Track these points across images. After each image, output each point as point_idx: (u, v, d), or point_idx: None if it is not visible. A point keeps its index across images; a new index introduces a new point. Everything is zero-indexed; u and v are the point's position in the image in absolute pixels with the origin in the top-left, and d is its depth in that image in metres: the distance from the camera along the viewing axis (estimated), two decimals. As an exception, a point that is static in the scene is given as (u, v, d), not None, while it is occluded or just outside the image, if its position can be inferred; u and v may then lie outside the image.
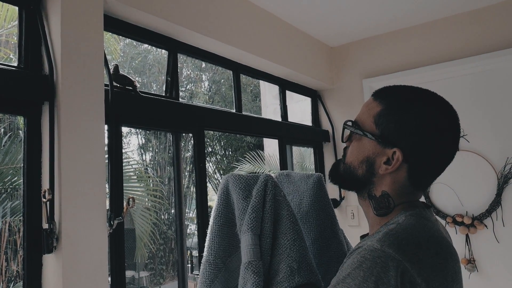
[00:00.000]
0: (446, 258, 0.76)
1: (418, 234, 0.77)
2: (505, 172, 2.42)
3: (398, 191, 0.85)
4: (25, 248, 1.22)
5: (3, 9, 3.82)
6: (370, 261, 0.71)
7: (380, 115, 0.86)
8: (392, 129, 0.84)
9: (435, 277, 0.72)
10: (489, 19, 2.48)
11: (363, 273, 0.71)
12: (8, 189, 3.96)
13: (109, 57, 1.47)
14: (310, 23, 2.65)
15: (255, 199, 0.98)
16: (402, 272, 0.70)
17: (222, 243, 1.03)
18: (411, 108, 0.85)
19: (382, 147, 0.85)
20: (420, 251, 0.73)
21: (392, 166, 0.83)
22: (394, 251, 0.71)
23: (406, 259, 0.71)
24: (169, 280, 8.29)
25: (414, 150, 0.82)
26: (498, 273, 2.42)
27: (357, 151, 0.89)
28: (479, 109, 2.55)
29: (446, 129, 0.85)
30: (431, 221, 0.83)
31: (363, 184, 0.89)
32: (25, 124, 1.27)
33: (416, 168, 0.84)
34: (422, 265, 0.72)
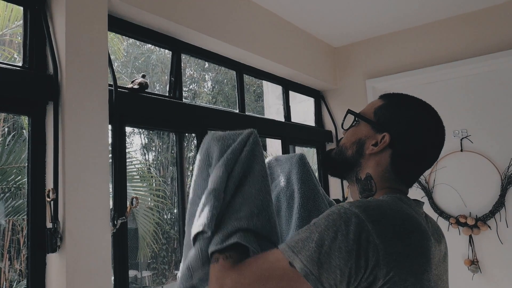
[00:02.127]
0: (411, 231, 0.79)
1: (388, 206, 0.81)
2: (509, 173, 2.41)
3: (380, 174, 0.94)
4: (29, 247, 1.22)
5: (8, 9, 3.84)
6: (336, 215, 0.78)
7: (380, 107, 0.99)
8: (387, 118, 0.96)
9: (395, 243, 0.76)
10: (493, 20, 2.47)
11: (327, 222, 0.78)
12: (12, 188, 3.97)
13: (112, 57, 1.48)
14: (313, 24, 2.65)
15: (236, 145, 1.02)
16: (362, 229, 0.75)
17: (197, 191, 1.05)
18: (407, 106, 0.98)
19: (374, 131, 0.95)
20: (385, 217, 0.78)
21: (378, 147, 0.93)
22: (360, 211, 0.77)
23: (369, 219, 0.76)
24: (172, 280, 8.30)
25: (400, 138, 0.93)
26: (502, 274, 2.41)
27: (352, 134, 1.00)
28: (482, 110, 2.54)
29: (432, 136, 0.96)
30: (408, 205, 0.87)
31: (351, 165, 0.98)
32: (30, 124, 1.28)
33: (398, 154, 0.93)
34: (384, 229, 0.76)
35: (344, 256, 0.75)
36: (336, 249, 0.76)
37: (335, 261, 0.76)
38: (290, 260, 0.79)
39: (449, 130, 2.64)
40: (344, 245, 0.75)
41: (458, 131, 2.61)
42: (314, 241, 0.77)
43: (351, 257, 0.75)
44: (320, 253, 0.76)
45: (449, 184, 2.62)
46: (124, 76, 8.00)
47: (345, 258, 0.75)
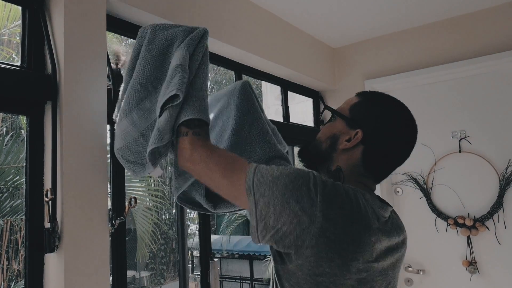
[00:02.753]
0: (353, 221, 0.84)
1: (345, 193, 0.86)
2: (507, 174, 2.41)
3: (350, 168, 0.98)
4: (27, 247, 1.22)
5: (6, 9, 3.83)
6: (303, 173, 0.86)
7: (356, 104, 1.03)
8: (361, 115, 0.99)
9: (333, 224, 0.81)
10: (492, 21, 2.48)
11: (292, 172, 0.85)
12: (10, 188, 3.97)
13: (110, 57, 1.48)
14: (312, 24, 2.65)
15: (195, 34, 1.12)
16: (311, 196, 0.81)
17: (155, 71, 1.14)
18: (382, 104, 1.02)
19: (348, 128, 0.99)
20: (336, 198, 0.83)
21: (351, 143, 0.97)
22: (320, 182, 0.84)
23: (322, 193, 0.82)
24: (170, 280, 8.29)
25: (373, 135, 0.97)
26: (500, 275, 2.42)
27: (328, 130, 1.05)
28: (481, 111, 2.55)
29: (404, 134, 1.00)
30: (366, 200, 0.90)
31: (324, 158, 1.03)
32: (28, 124, 1.27)
33: (369, 151, 0.97)
34: (330, 208, 0.81)
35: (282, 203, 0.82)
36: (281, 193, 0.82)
37: (274, 201, 0.82)
38: (247, 175, 0.87)
39: (448, 131, 2.64)
40: (288, 194, 0.82)
41: (457, 132, 2.61)
42: (273, 176, 0.85)
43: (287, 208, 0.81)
44: (269, 186, 0.84)
45: (448, 185, 2.62)
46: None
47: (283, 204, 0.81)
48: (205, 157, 0.95)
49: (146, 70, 1.13)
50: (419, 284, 2.69)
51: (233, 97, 1.34)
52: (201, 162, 0.95)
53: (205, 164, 0.95)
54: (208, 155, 0.96)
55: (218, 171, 0.93)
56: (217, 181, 0.93)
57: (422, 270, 2.66)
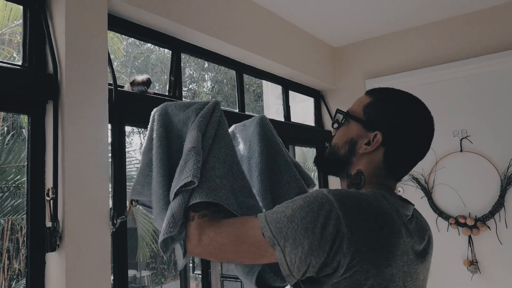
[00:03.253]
0: (381, 226, 0.81)
1: (364, 200, 0.83)
2: (508, 173, 2.41)
3: (371, 171, 0.95)
4: (28, 246, 1.22)
5: (7, 8, 3.83)
6: (313, 198, 0.82)
7: (369, 105, 0.98)
8: (377, 116, 0.96)
9: (362, 235, 0.78)
10: (494, 20, 2.48)
11: (303, 202, 0.82)
12: (11, 188, 3.97)
13: (112, 56, 1.48)
14: (313, 24, 2.65)
15: (205, 111, 1.08)
16: (333, 217, 0.78)
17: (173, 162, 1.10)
18: (396, 102, 0.98)
19: (366, 130, 0.96)
20: (357, 209, 0.80)
21: (371, 146, 0.94)
22: (335, 199, 0.80)
23: (341, 208, 0.79)
24: (171, 280, 8.30)
25: (393, 136, 0.93)
26: (501, 274, 2.42)
27: (343, 134, 1.01)
28: (482, 110, 2.54)
29: (423, 128, 0.97)
30: (390, 202, 0.88)
31: (343, 163, 1.00)
32: (29, 123, 1.27)
33: (391, 152, 0.94)
34: (354, 220, 0.78)
35: (309, 236, 0.78)
36: (303, 228, 0.79)
37: (300, 238, 0.79)
38: (262, 229, 0.84)
39: (449, 131, 2.64)
40: (311, 226, 0.79)
41: (458, 131, 2.61)
42: (287, 216, 0.82)
43: (315, 239, 0.78)
44: (289, 228, 0.80)
45: (449, 185, 2.62)
46: (124, 76, 8.00)
47: (310, 238, 0.78)
48: (214, 235, 0.91)
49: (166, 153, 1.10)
50: (420, 283, 2.68)
51: (252, 133, 1.33)
52: (213, 242, 0.92)
53: (217, 243, 0.91)
54: (217, 233, 0.92)
55: (233, 242, 0.89)
56: (236, 251, 0.89)
57: (423, 269, 2.65)
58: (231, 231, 0.91)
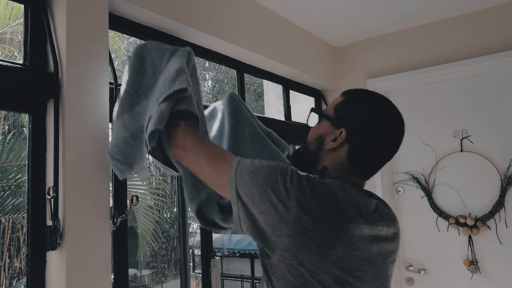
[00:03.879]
0: (330, 208, 0.86)
1: (321, 184, 0.89)
2: (509, 173, 2.41)
3: (335, 166, 1.00)
4: (29, 245, 1.22)
5: (8, 8, 3.84)
6: (283, 167, 0.90)
7: (340, 104, 1.04)
8: (345, 114, 1.01)
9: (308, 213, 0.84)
10: (494, 20, 2.47)
11: (272, 165, 0.90)
12: (12, 186, 3.98)
13: (113, 56, 1.48)
14: (314, 23, 2.65)
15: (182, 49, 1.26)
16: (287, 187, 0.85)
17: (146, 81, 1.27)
18: (365, 102, 1.02)
19: (334, 128, 1.01)
20: (311, 190, 0.86)
21: (336, 143, 0.99)
22: (296, 175, 0.88)
23: (298, 184, 0.86)
24: (171, 279, 8.31)
25: (357, 134, 0.98)
26: (501, 274, 2.42)
27: (315, 131, 1.09)
28: (483, 110, 2.54)
29: (389, 129, 1.00)
30: (348, 193, 0.92)
31: (313, 159, 1.06)
32: (30, 122, 1.28)
33: (355, 149, 0.98)
34: (304, 198, 0.84)
35: (261, 192, 0.86)
36: (260, 183, 0.86)
37: (253, 189, 0.87)
38: (231, 165, 0.92)
39: (449, 130, 2.64)
40: (265, 185, 0.86)
41: (458, 131, 2.61)
42: (254, 167, 0.90)
43: (264, 198, 0.85)
44: (250, 177, 0.88)
45: (449, 184, 2.62)
46: (125, 75, 7.98)
47: (261, 194, 0.86)
48: (195, 145, 1.01)
49: (140, 79, 1.26)
50: (420, 283, 2.69)
51: (224, 107, 1.47)
52: (191, 150, 1.00)
53: (195, 151, 1.00)
54: (199, 143, 1.01)
55: (206, 159, 0.98)
56: (204, 168, 0.98)
57: (423, 269, 2.66)
58: (210, 151, 1.00)
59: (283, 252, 0.84)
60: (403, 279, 2.75)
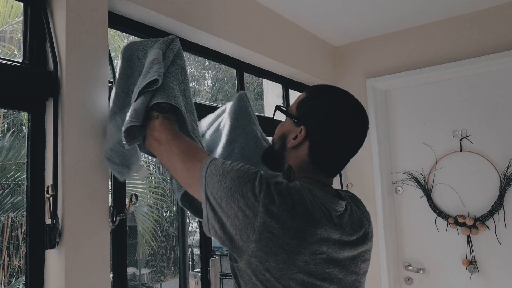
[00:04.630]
0: (298, 215, 0.85)
1: (288, 189, 0.88)
2: (508, 173, 2.41)
3: (299, 165, 0.99)
4: (28, 243, 1.22)
5: (8, 6, 3.83)
6: (252, 171, 0.88)
7: (302, 101, 1.02)
8: (305, 111, 0.99)
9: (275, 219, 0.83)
10: (494, 20, 2.47)
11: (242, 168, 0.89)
12: (11, 185, 3.97)
13: (112, 54, 1.48)
14: (314, 22, 2.65)
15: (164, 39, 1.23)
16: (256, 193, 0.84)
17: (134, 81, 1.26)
18: (324, 98, 1.00)
19: (295, 126, 1.00)
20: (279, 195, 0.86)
21: (296, 140, 0.98)
22: (265, 182, 0.87)
23: (266, 190, 0.85)
24: (170, 278, 8.31)
25: (316, 130, 0.96)
26: (500, 274, 2.42)
27: (279, 130, 1.07)
28: (482, 110, 2.54)
29: (350, 125, 0.98)
30: (314, 196, 0.91)
31: (278, 158, 1.05)
32: (29, 120, 1.27)
33: (314, 146, 0.97)
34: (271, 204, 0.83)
35: (228, 197, 0.85)
36: (228, 187, 0.85)
37: (221, 193, 0.85)
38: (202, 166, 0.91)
39: (449, 130, 2.64)
40: (234, 190, 0.85)
41: (458, 131, 2.61)
42: (223, 169, 0.88)
43: (232, 202, 0.84)
44: (219, 180, 0.87)
45: (448, 184, 2.62)
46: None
47: (228, 198, 0.85)
48: (170, 139, 1.00)
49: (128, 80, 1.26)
50: (419, 283, 2.69)
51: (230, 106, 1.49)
52: (166, 144, 1.00)
53: (169, 146, 0.99)
54: (173, 138, 1.00)
55: (178, 155, 0.97)
56: (175, 164, 0.97)
57: (422, 269, 2.66)
58: (184, 147, 0.98)
59: (250, 258, 0.84)
60: (402, 278, 2.75)
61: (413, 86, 2.79)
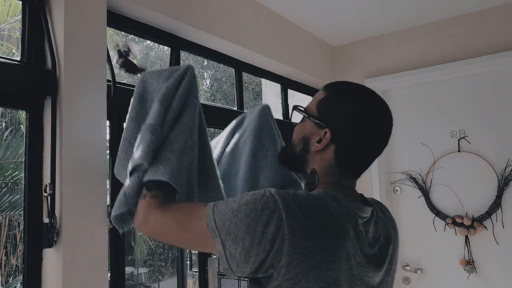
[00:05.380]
0: (325, 229, 0.80)
1: (310, 202, 0.83)
2: (506, 174, 2.42)
3: (324, 169, 0.94)
4: (25, 242, 1.22)
5: (6, 4, 3.82)
6: (260, 195, 0.82)
7: (322, 101, 0.98)
8: (327, 112, 0.94)
9: (303, 237, 0.78)
10: (492, 21, 2.48)
11: (249, 198, 0.82)
12: (9, 183, 3.97)
13: (111, 53, 1.47)
14: (313, 22, 2.65)
15: (172, 80, 1.06)
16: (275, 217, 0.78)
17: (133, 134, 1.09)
18: (346, 97, 0.95)
19: (318, 128, 0.95)
20: (301, 211, 0.80)
21: (321, 144, 0.93)
22: (280, 199, 0.80)
23: (285, 209, 0.78)
24: (168, 277, 8.31)
25: (342, 133, 0.91)
26: (497, 274, 2.43)
27: (299, 131, 1.01)
28: (480, 111, 2.55)
29: (375, 123, 0.93)
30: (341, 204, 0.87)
31: (300, 161, 1.00)
32: (27, 119, 1.27)
33: (341, 150, 0.92)
34: (296, 222, 0.78)
35: (250, 233, 0.79)
36: (246, 224, 0.79)
37: (242, 234, 0.79)
38: (207, 219, 0.84)
39: (447, 131, 2.65)
40: (253, 223, 0.79)
41: (456, 131, 2.62)
42: (232, 210, 0.82)
43: (257, 237, 0.78)
44: (232, 222, 0.80)
45: (446, 184, 2.63)
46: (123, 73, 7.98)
47: (251, 235, 0.78)
48: (160, 218, 0.91)
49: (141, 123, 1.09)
50: (417, 283, 2.70)
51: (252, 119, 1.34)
52: (158, 224, 0.92)
53: (162, 225, 0.91)
54: (163, 215, 0.92)
55: (177, 228, 0.89)
56: (180, 237, 0.89)
57: (420, 269, 2.67)
58: (178, 216, 0.90)
59: (280, 282, 0.79)
60: (399, 278, 2.76)
61: (411, 86, 2.79)
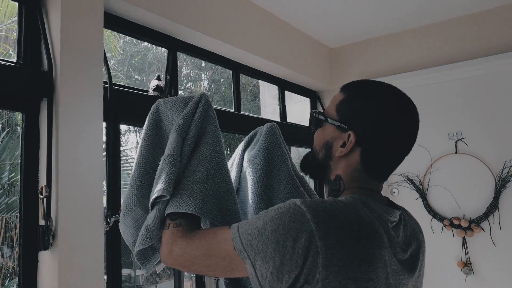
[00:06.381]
0: (360, 237, 0.75)
1: (340, 209, 0.77)
2: (503, 175, 2.42)
3: (350, 175, 0.89)
4: (21, 244, 1.21)
5: (3, 5, 3.81)
6: (285, 209, 0.77)
7: (341, 103, 0.91)
8: (349, 114, 0.89)
9: (338, 248, 0.73)
10: (489, 23, 2.49)
11: (275, 214, 0.77)
12: (5, 185, 3.95)
13: (108, 55, 1.47)
14: (310, 24, 2.65)
15: (187, 110, 1.03)
16: (305, 229, 0.73)
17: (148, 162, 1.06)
18: (368, 96, 0.90)
19: (340, 131, 0.89)
20: (332, 221, 0.75)
21: (346, 148, 0.87)
22: (308, 210, 0.75)
23: (314, 220, 0.73)
24: (165, 279, 8.28)
25: (367, 135, 0.86)
26: (494, 276, 2.43)
27: (320, 137, 0.95)
28: (477, 112, 2.55)
29: (402, 122, 0.88)
30: (371, 209, 0.83)
31: (323, 168, 0.94)
32: (24, 120, 1.27)
33: (368, 152, 0.87)
34: (328, 233, 0.73)
35: (280, 250, 0.74)
36: (274, 241, 0.75)
37: (271, 252, 0.74)
38: (233, 241, 0.80)
39: (444, 132, 2.65)
40: (282, 239, 0.74)
41: (453, 133, 2.62)
42: (258, 228, 0.77)
43: (287, 253, 0.73)
44: (259, 240, 0.76)
45: (444, 186, 2.63)
46: (120, 74, 7.98)
47: (281, 252, 0.74)
48: (185, 246, 0.88)
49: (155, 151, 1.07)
50: (414, 284, 2.69)
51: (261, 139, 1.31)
52: (184, 254, 0.88)
53: (188, 254, 0.88)
54: (188, 244, 0.88)
55: (204, 255, 0.86)
56: (208, 264, 0.85)
57: (417, 270, 2.66)
58: (203, 243, 0.87)
59: None
60: (397, 280, 2.75)
61: (408, 88, 2.77)
